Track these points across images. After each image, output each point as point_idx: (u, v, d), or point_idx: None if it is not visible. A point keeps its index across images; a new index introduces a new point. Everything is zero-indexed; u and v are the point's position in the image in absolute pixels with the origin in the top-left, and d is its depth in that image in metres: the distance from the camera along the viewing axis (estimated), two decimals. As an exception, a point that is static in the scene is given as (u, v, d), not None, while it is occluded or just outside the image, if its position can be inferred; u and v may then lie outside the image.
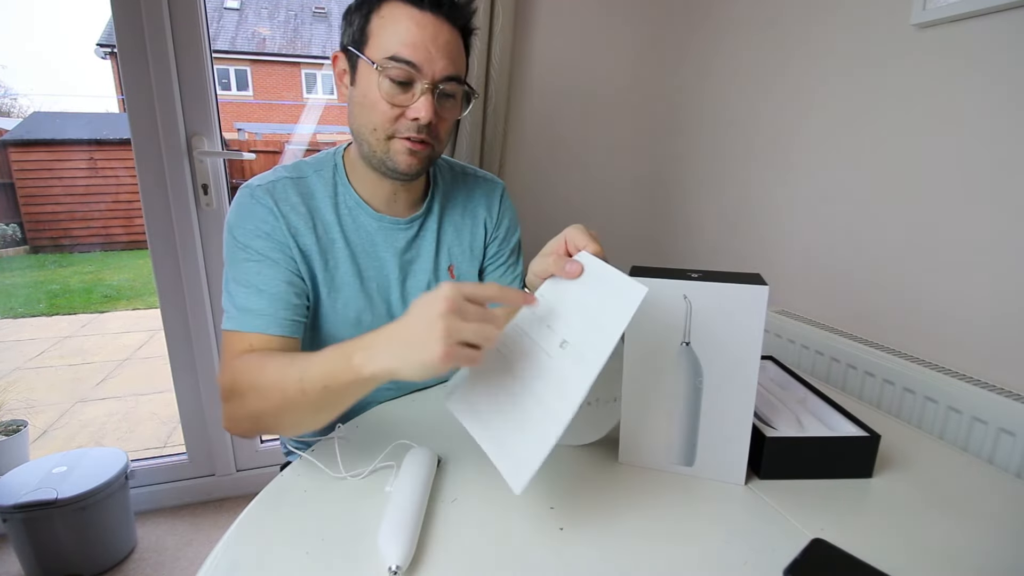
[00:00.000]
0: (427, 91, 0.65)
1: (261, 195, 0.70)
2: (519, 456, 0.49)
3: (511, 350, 0.55)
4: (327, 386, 0.52)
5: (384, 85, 0.65)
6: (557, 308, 0.55)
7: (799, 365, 1.11)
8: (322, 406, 0.55)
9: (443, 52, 0.65)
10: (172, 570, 1.35)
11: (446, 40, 0.66)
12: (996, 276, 0.82)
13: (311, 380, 0.53)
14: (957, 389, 0.81)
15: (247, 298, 0.66)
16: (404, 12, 0.64)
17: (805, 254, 1.18)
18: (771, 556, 0.48)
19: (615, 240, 1.72)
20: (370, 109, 0.67)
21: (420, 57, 0.64)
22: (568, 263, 0.55)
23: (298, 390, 0.53)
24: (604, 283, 0.52)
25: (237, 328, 0.65)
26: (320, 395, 0.53)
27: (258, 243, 0.68)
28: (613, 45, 1.58)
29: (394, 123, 0.67)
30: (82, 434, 2.21)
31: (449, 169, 0.87)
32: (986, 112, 0.82)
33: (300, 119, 8.24)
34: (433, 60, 0.65)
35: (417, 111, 0.66)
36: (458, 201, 0.85)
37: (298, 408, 0.55)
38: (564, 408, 0.47)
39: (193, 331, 1.46)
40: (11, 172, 4.08)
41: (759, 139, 1.29)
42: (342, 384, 0.51)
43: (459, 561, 0.47)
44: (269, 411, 0.58)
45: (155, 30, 1.26)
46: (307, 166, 0.76)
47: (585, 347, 0.50)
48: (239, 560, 0.47)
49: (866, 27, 1.00)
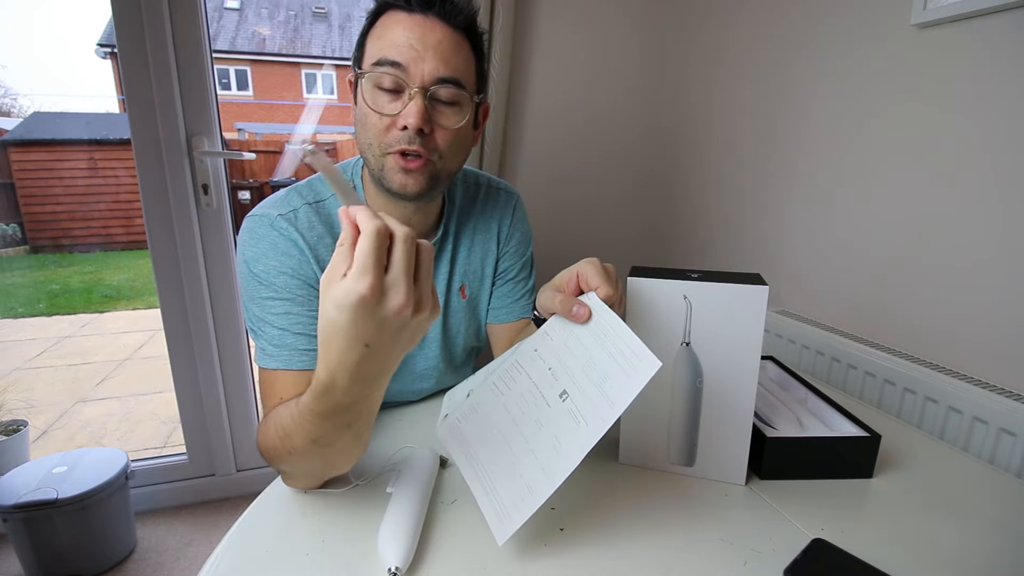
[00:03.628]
0: (416, 95, 0.59)
1: (284, 226, 0.64)
2: (505, 507, 0.48)
3: (508, 386, 0.54)
4: (350, 425, 0.46)
5: (371, 93, 0.61)
6: (561, 352, 0.52)
7: (799, 365, 1.11)
8: (357, 436, 0.49)
9: (434, 52, 0.59)
10: (172, 570, 1.35)
11: (438, 40, 0.60)
12: (996, 276, 0.82)
13: (328, 437, 0.47)
14: (957, 389, 0.81)
15: (281, 337, 0.61)
16: (394, 19, 0.60)
17: (805, 254, 1.18)
18: (771, 556, 0.48)
19: (615, 240, 1.73)
20: (364, 124, 0.62)
21: (405, 56, 0.58)
22: (576, 306, 0.51)
23: (325, 447, 0.48)
24: (615, 341, 0.49)
25: (280, 367, 0.61)
26: (349, 434, 0.47)
27: (283, 280, 0.62)
28: (613, 45, 1.58)
29: (385, 135, 0.61)
30: (82, 434, 2.21)
31: (464, 183, 0.81)
32: (986, 112, 0.81)
33: (300, 119, 8.23)
34: (421, 59, 0.59)
35: (405, 117, 0.59)
36: (472, 219, 0.80)
37: (337, 453, 0.50)
38: (558, 469, 0.46)
39: (193, 331, 1.46)
40: (11, 172, 4.08)
41: (759, 139, 1.29)
42: (365, 414, 0.46)
43: (459, 562, 0.47)
44: (316, 469, 0.54)
45: (155, 30, 1.26)
46: (323, 186, 0.70)
47: (587, 408, 0.48)
48: (239, 561, 0.47)
49: (866, 27, 1.00)
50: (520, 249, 0.84)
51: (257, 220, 0.65)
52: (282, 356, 0.61)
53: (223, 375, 1.52)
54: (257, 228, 0.64)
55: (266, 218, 0.64)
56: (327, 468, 0.54)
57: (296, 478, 0.56)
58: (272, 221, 0.64)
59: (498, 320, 0.82)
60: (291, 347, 0.61)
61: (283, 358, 0.61)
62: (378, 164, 0.63)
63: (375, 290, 0.37)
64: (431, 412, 0.76)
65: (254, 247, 0.63)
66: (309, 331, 0.62)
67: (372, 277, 0.37)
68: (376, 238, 0.37)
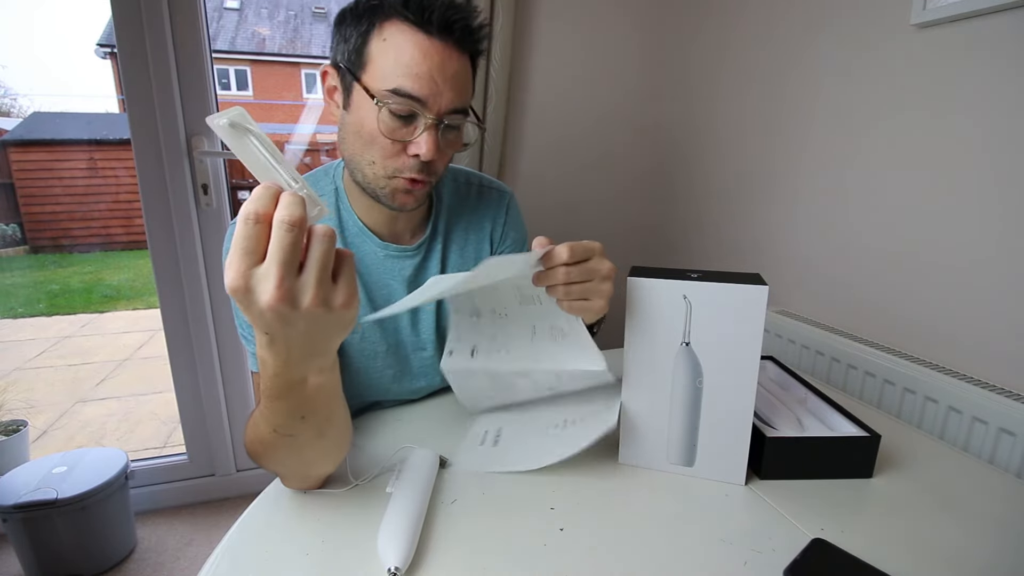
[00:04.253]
0: (431, 127, 0.59)
1: None
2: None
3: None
4: (304, 416, 0.46)
5: (385, 120, 0.59)
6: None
7: (799, 365, 1.11)
8: (319, 430, 0.48)
9: (450, 84, 0.59)
10: (172, 570, 1.35)
11: (455, 71, 0.59)
12: (996, 276, 0.82)
13: (286, 425, 0.46)
14: (957, 389, 0.81)
15: None
16: (409, 38, 0.57)
17: (805, 254, 1.18)
18: (771, 556, 0.48)
19: (615, 240, 1.72)
20: (368, 142, 0.61)
21: (426, 91, 0.57)
22: (542, 246, 0.52)
23: (287, 438, 0.47)
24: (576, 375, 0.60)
25: None
26: (305, 425, 0.46)
27: None
28: (613, 44, 1.58)
29: (395, 159, 0.61)
30: (82, 434, 2.21)
31: (453, 181, 0.81)
32: (986, 112, 0.81)
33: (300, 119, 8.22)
34: (440, 93, 0.58)
35: (419, 147, 0.59)
36: (463, 218, 0.79)
37: (304, 447, 0.49)
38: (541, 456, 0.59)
39: (193, 331, 1.46)
40: (11, 172, 4.08)
41: (759, 139, 1.29)
42: (312, 401, 0.45)
43: (459, 562, 0.47)
44: (296, 468, 0.53)
45: (155, 30, 1.26)
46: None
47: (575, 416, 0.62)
48: (239, 561, 0.47)
49: (866, 27, 1.00)
50: (515, 248, 0.83)
51: None
52: None
53: (223, 375, 1.52)
54: None
55: None
56: (304, 465, 0.53)
57: (285, 477, 0.56)
58: None
59: None
60: None
61: None
62: (381, 184, 0.63)
63: (238, 281, 0.35)
64: (430, 412, 0.76)
65: None
66: None
67: (240, 267, 0.35)
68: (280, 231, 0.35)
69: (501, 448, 0.64)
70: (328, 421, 0.49)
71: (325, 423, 0.48)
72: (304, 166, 4.22)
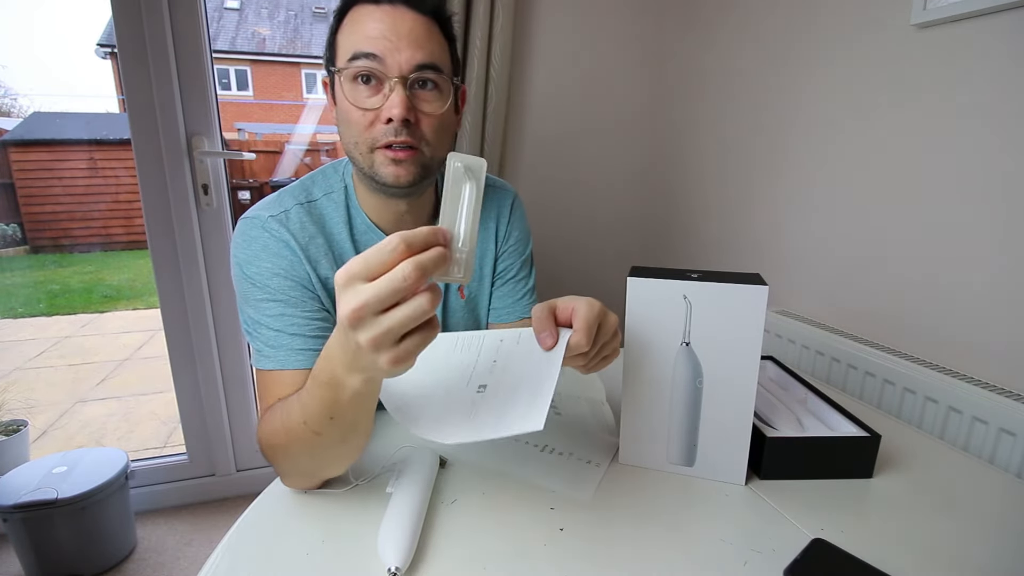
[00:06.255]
0: (397, 85, 0.59)
1: (275, 227, 0.64)
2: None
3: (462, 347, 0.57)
4: (333, 417, 0.47)
5: (350, 89, 0.60)
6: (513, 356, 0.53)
7: (799, 365, 1.11)
8: (342, 435, 0.49)
9: (408, 40, 0.59)
10: (172, 570, 1.35)
11: (409, 27, 0.59)
12: (996, 276, 0.82)
13: (315, 420, 0.47)
14: (957, 389, 0.81)
15: (277, 338, 0.61)
16: (364, 13, 0.60)
17: (805, 254, 1.18)
18: (771, 556, 0.48)
19: (615, 239, 1.73)
20: (347, 123, 0.62)
21: (380, 47, 0.58)
22: (547, 334, 0.50)
23: (312, 434, 0.48)
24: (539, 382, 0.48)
25: (276, 367, 0.61)
26: (332, 427, 0.47)
27: (276, 282, 0.62)
28: (613, 44, 1.58)
29: (371, 129, 0.61)
30: (82, 434, 2.21)
31: None
32: (986, 112, 0.81)
33: (300, 119, 8.23)
34: (397, 49, 0.59)
35: (389, 109, 0.59)
36: None
37: (324, 448, 0.50)
38: (437, 433, 0.48)
39: (193, 331, 1.46)
40: (11, 172, 4.08)
41: (759, 139, 1.29)
42: (345, 405, 0.45)
43: (459, 562, 0.47)
44: (307, 466, 0.54)
45: (155, 30, 1.26)
46: (315, 187, 0.70)
47: (484, 412, 0.49)
48: (239, 561, 0.47)
49: (866, 27, 1.00)
50: (519, 248, 0.83)
51: (249, 222, 0.65)
52: (278, 357, 0.61)
53: (223, 375, 1.52)
54: (249, 230, 0.64)
55: (257, 220, 0.64)
56: (316, 466, 0.54)
57: (290, 475, 0.56)
58: (263, 223, 0.64)
59: (500, 320, 0.82)
60: (287, 347, 0.61)
61: (279, 359, 0.61)
62: (367, 161, 0.63)
63: (342, 275, 0.37)
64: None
65: (246, 249, 0.63)
66: (304, 331, 0.62)
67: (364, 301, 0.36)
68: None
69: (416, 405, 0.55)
70: (353, 429, 0.49)
71: (350, 430, 0.49)
72: (304, 166, 4.23)
